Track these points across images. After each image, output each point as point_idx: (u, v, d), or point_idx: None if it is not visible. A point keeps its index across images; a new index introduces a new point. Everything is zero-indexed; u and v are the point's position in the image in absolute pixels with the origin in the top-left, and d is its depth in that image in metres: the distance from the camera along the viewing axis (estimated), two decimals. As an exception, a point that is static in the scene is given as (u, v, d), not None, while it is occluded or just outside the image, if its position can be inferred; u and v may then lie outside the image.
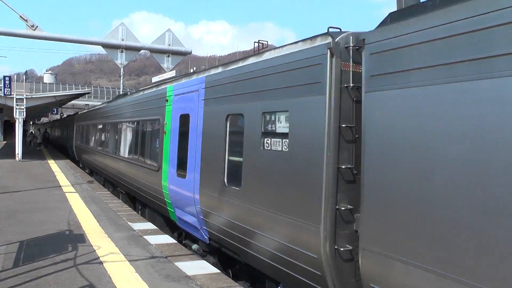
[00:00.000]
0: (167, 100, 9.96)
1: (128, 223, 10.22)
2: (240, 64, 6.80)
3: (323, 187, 4.70)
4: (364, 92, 4.44)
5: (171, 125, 9.57)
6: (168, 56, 19.43)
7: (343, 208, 4.63)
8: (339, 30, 4.91)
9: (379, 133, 4.20)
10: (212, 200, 7.32)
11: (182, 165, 8.72)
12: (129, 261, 7.18)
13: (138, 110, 12.92)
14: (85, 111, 29.09)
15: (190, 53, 21.14)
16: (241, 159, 6.40)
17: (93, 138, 21.49)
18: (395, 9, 4.76)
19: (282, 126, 5.57)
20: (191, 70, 11.88)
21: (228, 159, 6.97)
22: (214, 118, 7.44)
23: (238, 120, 6.79)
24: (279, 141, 5.59)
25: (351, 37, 4.69)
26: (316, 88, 4.89)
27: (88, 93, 54.21)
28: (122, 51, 18.27)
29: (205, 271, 6.89)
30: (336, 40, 4.70)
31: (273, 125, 5.75)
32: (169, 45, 19.29)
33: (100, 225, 9.83)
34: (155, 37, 19.80)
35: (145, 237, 8.88)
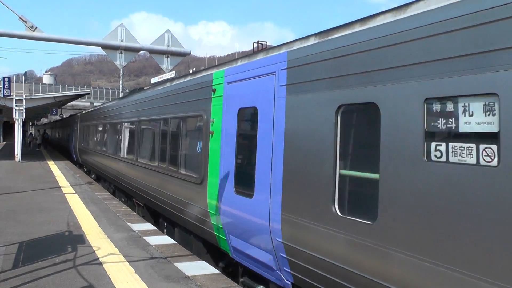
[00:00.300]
0: (214, 90, 7.61)
1: (128, 223, 10.22)
2: (371, 24, 4.47)
3: None
4: None
5: (221, 124, 7.23)
6: (167, 57, 19.42)
7: None
8: None
9: None
10: (307, 234, 5.11)
11: (245, 179, 6.49)
12: (128, 261, 7.19)
13: (165, 106, 10.43)
14: (91, 109, 26.83)
15: (189, 53, 21.12)
16: (373, 176, 4.29)
17: (101, 140, 19.31)
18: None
19: (477, 121, 3.37)
20: (190, 71, 11.70)
21: (341, 174, 4.72)
22: (309, 112, 5.20)
23: (363, 112, 4.73)
24: (471, 147, 3.39)
25: None
26: None
27: (88, 94, 54.25)
28: (121, 52, 18.26)
29: (204, 271, 6.89)
30: None
31: (453, 120, 3.54)
32: (168, 46, 19.29)
33: (99, 225, 9.83)
34: (155, 38, 19.78)
35: (144, 237, 8.89)
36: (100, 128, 19.94)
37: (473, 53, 3.36)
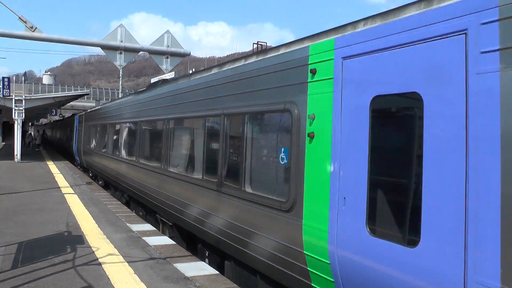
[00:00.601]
0: (313, 71, 5.07)
1: (127, 224, 10.22)
2: None
3: None
4: None
5: (332, 122, 4.71)
6: (167, 58, 19.40)
7: None
8: None
9: None
10: None
11: (395, 211, 4.15)
12: (128, 262, 7.18)
13: (215, 99, 7.65)
14: (98, 107, 23.64)
15: (189, 54, 21.15)
16: None
17: (112, 141, 16.70)
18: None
19: None
20: (190, 72, 11.48)
21: None
22: None
23: None
24: None
25: None
26: None
27: (87, 94, 54.22)
28: (121, 53, 18.25)
29: (204, 272, 6.89)
30: None
31: None
32: (168, 46, 19.27)
33: (98, 226, 9.82)
34: (154, 38, 19.81)
35: (144, 238, 8.88)
36: (110, 128, 17.16)
37: None
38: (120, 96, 29.23)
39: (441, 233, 3.51)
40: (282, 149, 5.76)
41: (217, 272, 7.07)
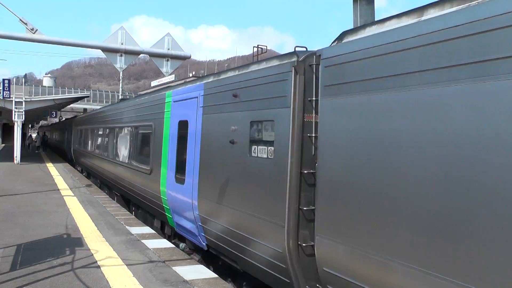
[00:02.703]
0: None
1: (126, 227, 10.19)
2: None
3: None
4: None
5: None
6: (168, 61, 19.40)
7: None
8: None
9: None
10: None
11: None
12: (126, 265, 7.16)
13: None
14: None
15: (189, 57, 21.12)
16: None
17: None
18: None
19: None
20: (190, 75, 11.72)
21: None
22: None
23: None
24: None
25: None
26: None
27: (87, 96, 54.30)
28: (121, 55, 18.24)
29: (202, 275, 6.87)
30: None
31: None
32: (168, 49, 19.29)
33: (98, 229, 9.80)
34: (155, 41, 19.80)
35: (143, 241, 8.86)
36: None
37: None
38: (120, 99, 29.85)
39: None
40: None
41: (216, 275, 7.06)
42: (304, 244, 5.08)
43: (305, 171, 5.12)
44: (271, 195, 5.51)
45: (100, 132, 18.75)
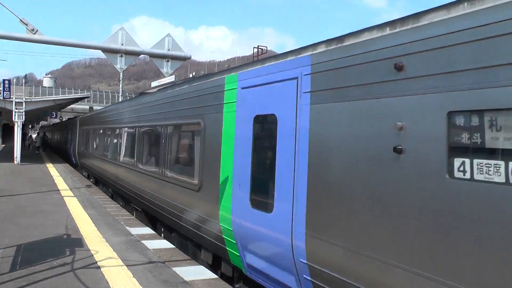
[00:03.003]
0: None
1: (126, 227, 10.19)
2: None
3: None
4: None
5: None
6: (168, 61, 19.40)
7: None
8: None
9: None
10: None
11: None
12: (126, 266, 7.16)
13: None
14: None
15: (189, 58, 21.14)
16: None
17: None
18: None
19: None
20: (190, 75, 11.68)
21: None
22: None
23: None
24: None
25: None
26: None
27: (88, 97, 54.24)
28: (121, 56, 18.25)
29: (202, 276, 6.87)
30: None
31: None
32: (169, 50, 19.29)
33: (98, 229, 9.80)
34: (155, 42, 19.83)
35: (143, 242, 8.86)
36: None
37: None
38: (120, 99, 29.87)
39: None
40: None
41: (216, 276, 7.06)
42: None
43: None
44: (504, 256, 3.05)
45: (115, 133, 15.95)
